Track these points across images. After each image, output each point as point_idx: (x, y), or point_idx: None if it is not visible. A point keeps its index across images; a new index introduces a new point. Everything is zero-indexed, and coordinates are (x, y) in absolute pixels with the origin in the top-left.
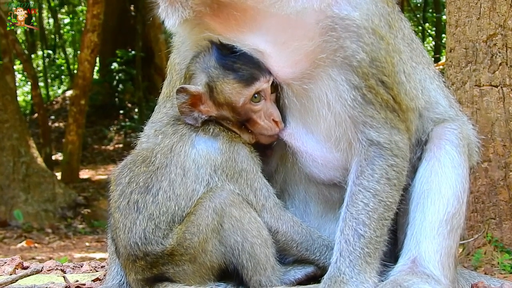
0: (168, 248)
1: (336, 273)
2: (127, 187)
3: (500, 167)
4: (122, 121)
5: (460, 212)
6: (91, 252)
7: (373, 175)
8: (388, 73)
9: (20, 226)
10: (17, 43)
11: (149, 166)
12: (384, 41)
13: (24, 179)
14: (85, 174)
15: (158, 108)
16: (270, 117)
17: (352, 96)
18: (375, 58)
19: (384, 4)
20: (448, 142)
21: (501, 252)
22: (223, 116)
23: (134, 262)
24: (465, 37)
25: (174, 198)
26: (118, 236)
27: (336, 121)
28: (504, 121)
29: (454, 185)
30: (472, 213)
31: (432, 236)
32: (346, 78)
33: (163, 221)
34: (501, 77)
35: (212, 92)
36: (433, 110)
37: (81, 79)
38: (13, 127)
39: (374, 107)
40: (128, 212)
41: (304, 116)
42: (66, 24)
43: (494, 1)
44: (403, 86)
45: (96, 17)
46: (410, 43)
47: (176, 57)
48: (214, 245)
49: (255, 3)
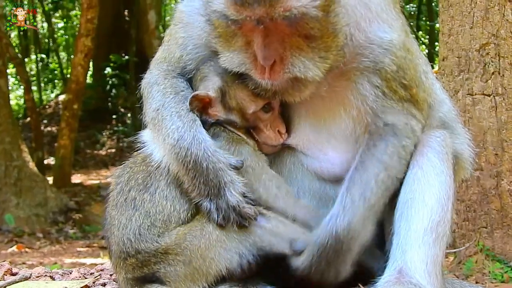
0: (163, 246)
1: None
2: (126, 185)
3: (492, 176)
4: (114, 126)
5: (445, 220)
6: (82, 257)
7: (386, 150)
8: (410, 77)
9: (11, 231)
10: (10, 46)
11: (149, 165)
12: (410, 52)
13: (16, 183)
14: (77, 179)
15: (153, 65)
16: (275, 128)
17: (374, 94)
18: (401, 67)
19: (401, 14)
20: (430, 149)
21: (493, 261)
22: (230, 120)
23: (125, 260)
24: (458, 46)
25: (171, 199)
26: (112, 233)
27: (352, 117)
28: (496, 130)
29: (437, 192)
30: (464, 222)
31: (417, 245)
32: (368, 80)
33: (159, 219)
34: (493, 86)
35: (224, 96)
36: (439, 109)
37: (74, 83)
38: (6, 131)
39: (394, 101)
40: (124, 209)
41: (316, 115)
42: (60, 28)
43: (487, 11)
44: (422, 85)
45: (90, 21)
46: (413, 41)
47: (181, 31)
48: (218, 253)
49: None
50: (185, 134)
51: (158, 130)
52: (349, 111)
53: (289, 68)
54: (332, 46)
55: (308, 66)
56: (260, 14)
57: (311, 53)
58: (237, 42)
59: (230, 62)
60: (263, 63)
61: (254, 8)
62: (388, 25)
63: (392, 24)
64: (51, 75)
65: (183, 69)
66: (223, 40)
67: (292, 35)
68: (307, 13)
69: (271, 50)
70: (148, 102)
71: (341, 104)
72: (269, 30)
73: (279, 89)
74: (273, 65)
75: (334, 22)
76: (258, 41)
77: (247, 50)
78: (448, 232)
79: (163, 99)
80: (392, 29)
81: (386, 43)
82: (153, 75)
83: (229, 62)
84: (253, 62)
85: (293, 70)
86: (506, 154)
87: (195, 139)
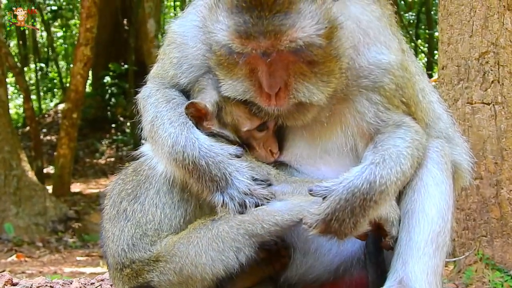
0: (154, 254)
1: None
2: (117, 197)
3: (492, 184)
4: (114, 135)
5: (445, 230)
6: (82, 267)
7: (405, 136)
8: (408, 96)
9: (11, 240)
10: (9, 56)
11: (138, 175)
12: (407, 71)
13: (15, 192)
14: (76, 188)
15: (149, 80)
16: (268, 147)
17: (373, 110)
18: (400, 86)
19: (397, 33)
20: (429, 159)
21: (492, 270)
22: (223, 134)
23: (121, 271)
24: (458, 55)
25: (161, 206)
26: (107, 246)
27: (352, 134)
28: (496, 139)
29: (437, 203)
30: (464, 231)
31: (418, 256)
32: (367, 98)
33: (150, 228)
34: (493, 94)
35: (220, 111)
36: (436, 126)
37: (73, 92)
38: (5, 140)
39: (395, 113)
40: (117, 220)
41: (312, 133)
42: (59, 37)
43: (486, 19)
44: (419, 104)
45: (89, 30)
46: (410, 57)
47: (175, 52)
48: (210, 257)
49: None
50: (178, 139)
51: (155, 142)
52: (345, 128)
53: (294, 93)
54: (335, 70)
55: (312, 91)
56: (266, 46)
57: (314, 78)
58: (240, 70)
59: (233, 90)
60: (269, 91)
61: (260, 41)
62: (386, 46)
63: (389, 45)
64: (50, 84)
65: (177, 84)
66: (225, 68)
67: (296, 62)
68: (312, 43)
69: (276, 78)
70: (144, 116)
71: (338, 122)
72: (274, 59)
73: (284, 113)
74: (278, 91)
75: (337, 47)
76: (263, 70)
77: (251, 78)
78: (449, 242)
79: (156, 110)
80: (390, 50)
81: (385, 65)
82: (147, 89)
83: (232, 90)
84: (258, 90)
85: (298, 96)
86: (506, 162)
87: (188, 141)
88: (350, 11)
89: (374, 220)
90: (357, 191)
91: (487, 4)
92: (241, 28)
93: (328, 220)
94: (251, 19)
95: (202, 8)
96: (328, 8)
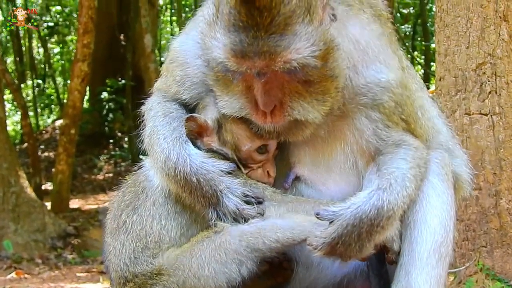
0: (156, 267)
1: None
2: (117, 210)
3: (491, 195)
4: (112, 150)
5: (447, 240)
6: (82, 283)
7: (406, 157)
8: (408, 113)
9: (10, 257)
10: (7, 72)
11: (136, 186)
12: (407, 89)
13: (14, 209)
14: (75, 204)
15: (153, 93)
16: (265, 169)
17: (373, 128)
18: (399, 104)
19: (399, 49)
20: (430, 171)
21: (493, 280)
22: (223, 152)
23: (124, 285)
24: (455, 66)
25: (157, 217)
26: (110, 261)
27: (352, 151)
28: (494, 149)
29: (439, 213)
30: (463, 241)
31: (421, 267)
32: (366, 115)
33: (150, 241)
34: (490, 105)
35: (220, 128)
36: (436, 140)
37: (71, 108)
38: (3, 156)
39: (395, 130)
40: (118, 234)
41: (315, 150)
42: (56, 53)
43: (483, 30)
44: (419, 121)
45: (86, 46)
46: (409, 71)
47: (178, 70)
48: (213, 270)
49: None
50: (170, 154)
51: (152, 155)
52: (345, 146)
53: (289, 111)
54: (331, 89)
55: (307, 109)
56: (261, 66)
57: (309, 97)
58: (236, 87)
59: (229, 107)
60: (264, 108)
61: (255, 61)
62: (385, 65)
63: (389, 64)
64: (48, 101)
65: (180, 99)
66: (222, 84)
67: (291, 81)
68: (307, 64)
69: (271, 96)
70: (145, 129)
71: (337, 139)
72: (269, 78)
73: (281, 130)
74: (274, 109)
75: (333, 68)
76: (258, 88)
77: (247, 95)
78: (451, 252)
79: (153, 124)
80: (389, 68)
81: (384, 83)
82: (150, 101)
83: (229, 107)
84: (253, 107)
85: (293, 113)
86: (504, 173)
87: (179, 157)
88: (349, 31)
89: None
90: (364, 217)
91: (483, 15)
92: (237, 47)
93: (334, 244)
94: (247, 39)
95: (201, 24)
96: (325, 30)
